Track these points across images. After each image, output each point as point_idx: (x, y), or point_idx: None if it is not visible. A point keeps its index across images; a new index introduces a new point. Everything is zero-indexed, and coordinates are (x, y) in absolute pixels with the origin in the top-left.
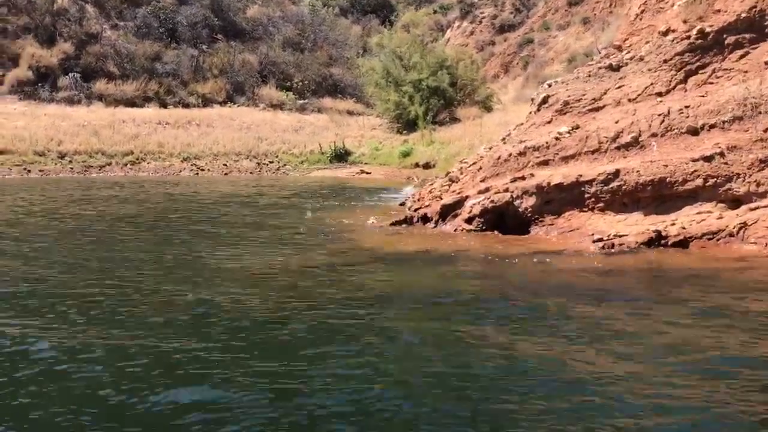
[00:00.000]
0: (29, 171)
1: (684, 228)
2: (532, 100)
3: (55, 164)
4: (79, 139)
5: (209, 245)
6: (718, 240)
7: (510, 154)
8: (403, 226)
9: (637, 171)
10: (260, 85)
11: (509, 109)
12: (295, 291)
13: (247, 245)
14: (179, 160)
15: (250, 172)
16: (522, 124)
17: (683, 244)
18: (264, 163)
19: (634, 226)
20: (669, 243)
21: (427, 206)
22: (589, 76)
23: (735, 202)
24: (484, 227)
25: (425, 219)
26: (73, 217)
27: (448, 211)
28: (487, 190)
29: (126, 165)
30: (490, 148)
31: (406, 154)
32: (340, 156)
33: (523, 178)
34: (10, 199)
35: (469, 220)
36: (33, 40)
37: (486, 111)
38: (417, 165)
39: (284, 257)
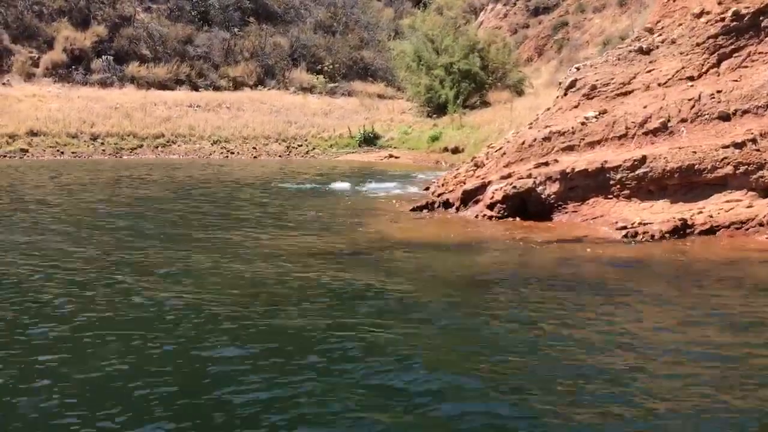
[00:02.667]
0: (62, 153)
1: (711, 216)
2: (560, 84)
3: (88, 146)
4: (111, 121)
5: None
6: (747, 230)
7: (535, 139)
8: (425, 211)
9: (665, 157)
10: (291, 68)
11: (541, 93)
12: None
13: (263, 229)
14: (209, 143)
15: (279, 156)
16: (549, 108)
17: (710, 233)
18: (293, 147)
19: (660, 214)
20: (695, 232)
21: (450, 191)
22: (619, 59)
23: (766, 191)
24: (505, 213)
25: (447, 204)
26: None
27: (469, 197)
28: (509, 175)
29: (157, 147)
30: (517, 133)
31: (435, 139)
32: (369, 140)
33: (546, 163)
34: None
35: (490, 206)
36: (67, 22)
37: (517, 95)
38: (446, 149)
39: (304, 242)
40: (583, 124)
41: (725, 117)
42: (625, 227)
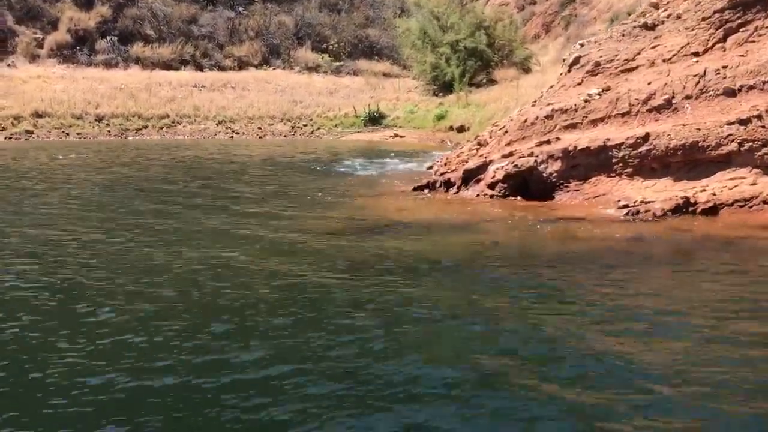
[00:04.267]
0: (67, 134)
1: (714, 194)
2: (564, 60)
3: (93, 127)
4: (116, 102)
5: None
6: (750, 207)
7: (537, 117)
8: (425, 191)
9: (668, 135)
10: (296, 47)
11: (548, 70)
12: (304, 258)
13: (265, 209)
14: (214, 124)
15: (284, 136)
16: (553, 86)
17: (713, 211)
18: (298, 126)
19: (663, 192)
20: (698, 210)
21: (452, 171)
22: (623, 35)
23: None
24: (507, 193)
25: (448, 184)
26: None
27: (470, 176)
28: (511, 154)
29: (162, 128)
30: (520, 112)
31: (440, 117)
32: (375, 119)
33: (548, 142)
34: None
35: (491, 186)
36: (71, 3)
37: (524, 73)
38: (451, 128)
39: (303, 221)
40: (586, 101)
41: (731, 93)
42: (626, 206)
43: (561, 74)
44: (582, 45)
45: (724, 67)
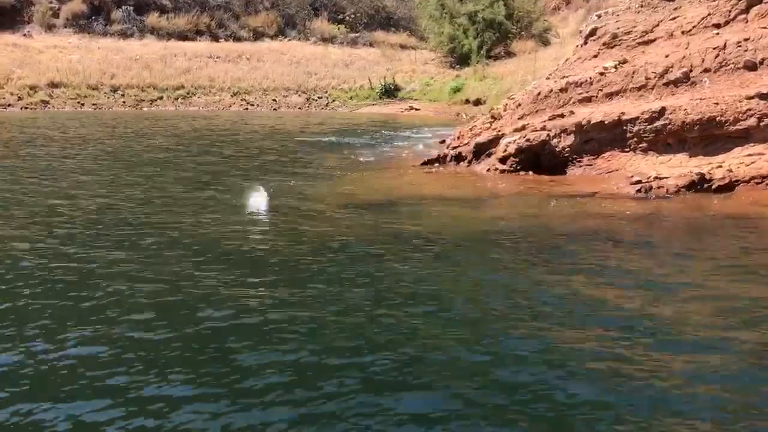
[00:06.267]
0: (83, 105)
1: (731, 171)
2: (580, 32)
3: (108, 98)
4: (132, 73)
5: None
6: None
7: (551, 91)
8: (435, 165)
9: (685, 109)
10: (312, 18)
11: (567, 43)
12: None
13: (271, 181)
14: (229, 95)
15: (299, 108)
16: (568, 58)
17: (728, 188)
18: (313, 99)
19: (677, 168)
20: (713, 187)
21: (464, 145)
22: (642, 6)
23: None
24: (518, 167)
25: (459, 158)
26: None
27: (482, 150)
28: (523, 128)
29: (177, 99)
30: (536, 85)
31: (456, 90)
32: (390, 91)
33: (562, 115)
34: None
35: (503, 160)
36: None
37: (543, 45)
38: (467, 101)
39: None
40: (601, 74)
41: (751, 66)
42: (639, 182)
43: (577, 46)
44: (599, 16)
45: (746, 39)
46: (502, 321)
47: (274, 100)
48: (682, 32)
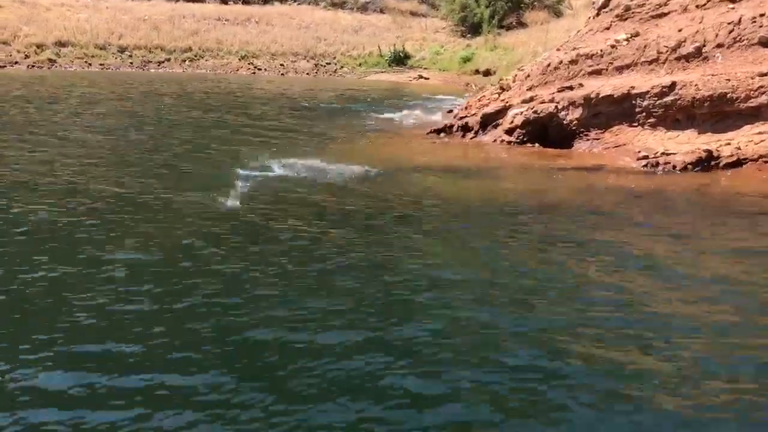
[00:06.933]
0: (90, 64)
1: (739, 149)
2: (593, 3)
3: (115, 58)
4: (140, 33)
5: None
6: None
7: (561, 62)
8: (441, 135)
9: (696, 85)
10: None
11: (581, 14)
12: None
13: (275, 148)
14: (237, 59)
15: (307, 74)
16: (580, 30)
17: (736, 165)
18: (321, 65)
19: (685, 144)
20: (721, 164)
21: (472, 115)
22: None
23: None
24: (525, 139)
25: (466, 128)
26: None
27: (489, 121)
28: (531, 99)
29: (184, 62)
30: (546, 56)
31: (466, 60)
32: (399, 59)
33: (570, 88)
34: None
35: (509, 131)
36: None
37: (555, 16)
38: (477, 71)
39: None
40: (612, 47)
41: (765, 43)
42: (646, 157)
43: (589, 18)
44: None
45: (762, 14)
46: (499, 294)
47: (282, 65)
48: (697, 6)
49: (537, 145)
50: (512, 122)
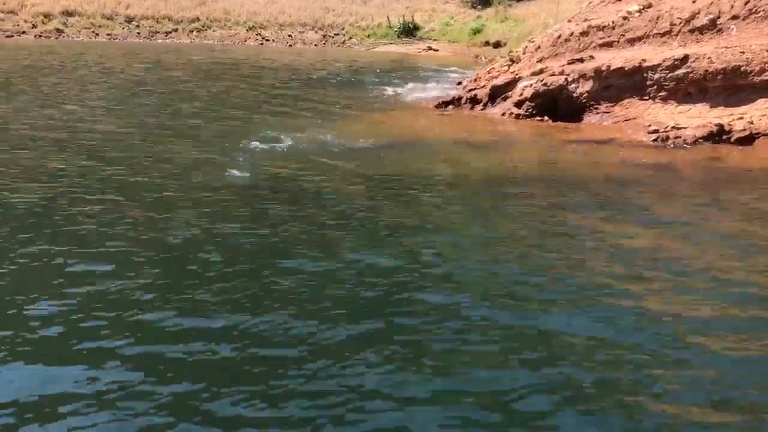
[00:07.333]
0: (97, 34)
1: (752, 123)
2: None
3: (123, 28)
4: (147, 3)
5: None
6: None
7: (572, 34)
8: (450, 107)
9: (709, 57)
10: None
11: None
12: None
13: (281, 118)
14: (244, 29)
15: (315, 45)
16: (592, 1)
17: (748, 140)
18: (329, 36)
19: (697, 118)
20: (732, 139)
21: (481, 87)
22: None
23: None
24: (534, 112)
25: (474, 101)
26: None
27: (498, 93)
28: (541, 71)
29: (192, 32)
30: (556, 28)
31: (477, 31)
32: (409, 31)
33: (581, 60)
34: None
35: (518, 104)
36: None
37: None
38: (487, 43)
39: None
40: (625, 18)
41: None
42: (657, 131)
43: None
44: None
45: None
46: (507, 260)
47: (290, 35)
48: None
49: (546, 118)
50: (521, 95)
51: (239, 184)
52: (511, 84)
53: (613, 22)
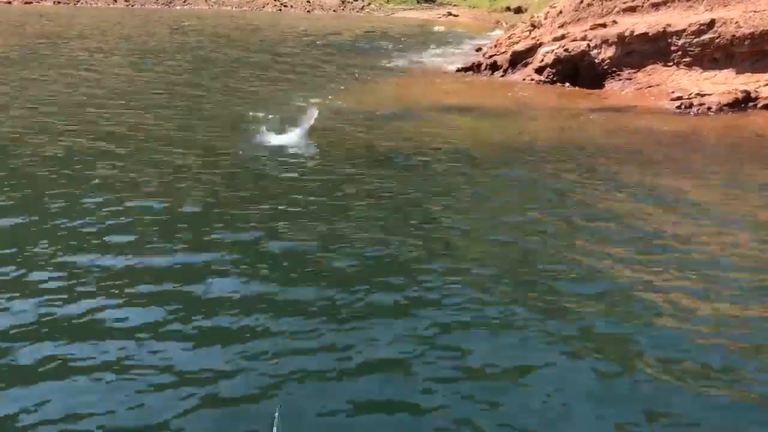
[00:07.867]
0: (115, 1)
1: None
2: None
3: None
4: None
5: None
6: None
7: None
8: (470, 73)
9: (737, 22)
10: None
11: None
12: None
13: (301, 85)
14: None
15: (333, 10)
16: None
17: None
18: (348, 1)
19: (722, 84)
20: (758, 105)
21: (501, 53)
22: None
23: None
24: (554, 78)
25: (494, 67)
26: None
27: (518, 59)
28: (563, 37)
29: None
30: None
31: None
32: None
33: (604, 25)
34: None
35: (539, 70)
36: None
37: None
38: (508, 8)
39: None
40: None
41: None
42: (680, 98)
43: None
44: None
45: None
46: (526, 231)
47: (308, 1)
48: None
49: (567, 84)
50: (542, 61)
51: (255, 155)
52: (532, 50)
53: None
